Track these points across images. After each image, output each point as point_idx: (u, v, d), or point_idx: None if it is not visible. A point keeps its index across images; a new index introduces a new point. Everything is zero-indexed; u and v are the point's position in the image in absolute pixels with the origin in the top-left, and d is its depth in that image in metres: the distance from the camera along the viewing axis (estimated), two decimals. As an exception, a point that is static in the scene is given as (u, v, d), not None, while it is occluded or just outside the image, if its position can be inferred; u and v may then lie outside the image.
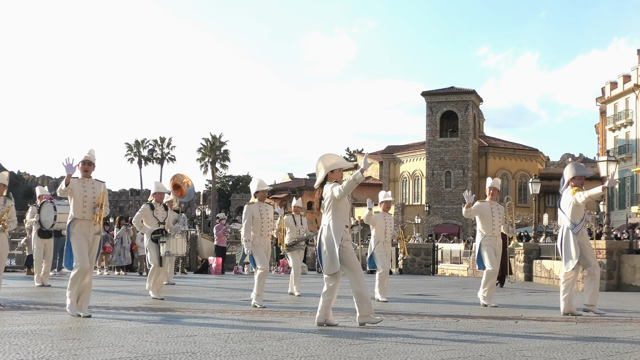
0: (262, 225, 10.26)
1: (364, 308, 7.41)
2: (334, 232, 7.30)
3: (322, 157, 7.61)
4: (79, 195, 8.03)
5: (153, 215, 11.30)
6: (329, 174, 7.47)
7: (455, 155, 63.51)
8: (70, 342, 5.60)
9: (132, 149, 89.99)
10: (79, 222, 8.03)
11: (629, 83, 55.29)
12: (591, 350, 5.63)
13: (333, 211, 7.36)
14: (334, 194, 7.28)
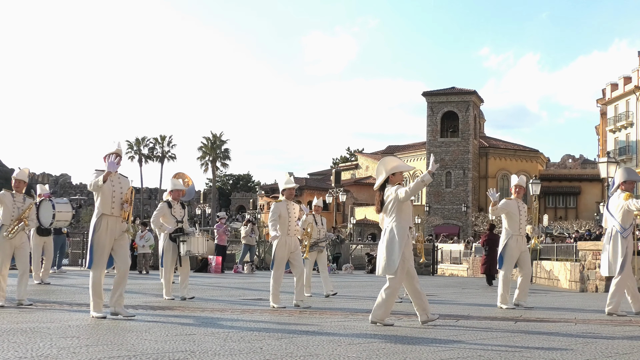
0: (289, 223, 9.86)
1: (424, 307, 7.63)
2: (397, 233, 7.40)
3: (383, 160, 7.78)
4: (107, 191, 7.60)
5: (171, 214, 10.93)
6: (390, 176, 7.60)
7: (455, 155, 63.54)
8: (69, 340, 5.60)
9: (132, 147, 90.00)
10: (107, 218, 7.59)
11: (630, 85, 55.30)
12: (590, 351, 5.63)
13: (397, 213, 7.46)
14: (399, 195, 7.37)
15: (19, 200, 9.38)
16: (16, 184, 9.54)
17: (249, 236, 24.37)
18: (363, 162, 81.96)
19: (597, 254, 16.36)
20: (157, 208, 11.12)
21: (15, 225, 9.13)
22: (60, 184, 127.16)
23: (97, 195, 7.68)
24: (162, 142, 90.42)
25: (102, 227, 7.58)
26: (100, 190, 7.59)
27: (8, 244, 9.14)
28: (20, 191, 9.49)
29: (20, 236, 9.25)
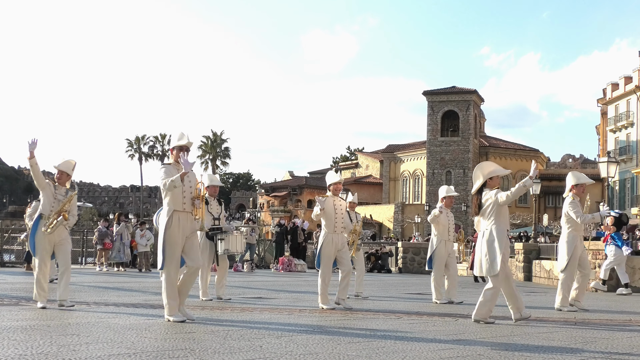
0: (336, 220, 9.47)
1: (518, 306, 7.91)
2: (497, 236, 7.68)
3: (480, 165, 8.12)
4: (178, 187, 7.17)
5: (208, 211, 10.43)
6: (487, 180, 7.89)
7: (456, 154, 63.53)
8: (69, 338, 5.60)
9: (132, 145, 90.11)
10: (178, 214, 7.17)
11: (630, 84, 55.26)
12: (589, 351, 5.63)
13: (496, 216, 7.74)
14: (498, 199, 7.66)
15: (60, 193, 8.65)
16: (58, 176, 8.76)
17: (249, 235, 24.37)
18: (363, 161, 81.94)
19: (596, 254, 16.37)
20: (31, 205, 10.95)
21: (54, 219, 8.45)
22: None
23: (166, 194, 7.22)
24: (162, 141, 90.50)
25: (173, 224, 7.15)
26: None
27: (47, 240, 8.48)
28: (63, 184, 8.74)
29: (60, 231, 8.55)
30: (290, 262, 23.93)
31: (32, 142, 8.22)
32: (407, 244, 31.80)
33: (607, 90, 59.89)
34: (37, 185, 8.56)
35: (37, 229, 8.52)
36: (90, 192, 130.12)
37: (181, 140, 7.32)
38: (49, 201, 8.52)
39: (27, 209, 20.32)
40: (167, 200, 7.22)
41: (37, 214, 8.64)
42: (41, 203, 8.61)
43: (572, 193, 10.08)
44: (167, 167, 7.25)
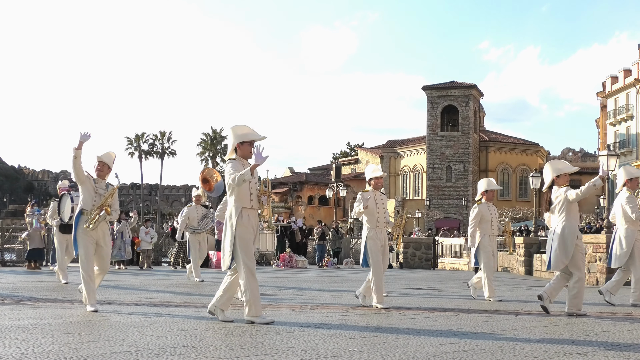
0: (378, 216, 9.17)
1: (575, 303, 8.28)
2: (569, 231, 8.16)
3: (550, 163, 8.55)
4: (246, 183, 6.92)
5: None
6: (555, 178, 8.36)
7: (455, 149, 63.50)
8: (71, 336, 5.61)
9: (132, 143, 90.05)
10: (247, 211, 6.95)
11: (630, 77, 55.24)
12: (591, 344, 5.63)
13: (566, 213, 8.20)
14: (568, 197, 8.09)
15: (101, 187, 8.14)
16: (99, 167, 8.22)
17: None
18: (363, 157, 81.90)
19: (597, 247, 16.36)
20: (222, 201, 10.17)
21: (97, 214, 7.93)
22: (60, 180, 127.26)
23: (233, 190, 6.93)
24: (162, 138, 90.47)
25: (244, 221, 6.91)
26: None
27: (89, 237, 7.93)
28: (103, 177, 8.23)
29: (103, 227, 8.06)
30: (291, 259, 23.94)
31: (85, 134, 7.85)
32: (408, 239, 31.79)
33: (606, 84, 59.87)
34: (77, 179, 8.03)
35: (78, 227, 7.95)
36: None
37: (250, 135, 7.07)
38: (90, 196, 8.01)
39: (27, 208, 20.34)
40: (233, 198, 6.95)
41: (78, 210, 8.05)
42: (81, 198, 8.08)
43: (627, 188, 10.10)
44: (234, 162, 6.93)
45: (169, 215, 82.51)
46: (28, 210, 20.14)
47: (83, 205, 8.01)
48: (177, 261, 22.86)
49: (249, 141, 7.03)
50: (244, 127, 7.13)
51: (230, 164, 6.90)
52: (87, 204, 8.00)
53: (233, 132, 7.13)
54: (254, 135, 7.07)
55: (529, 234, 29.44)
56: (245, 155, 7.02)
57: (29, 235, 19.52)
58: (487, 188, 11.08)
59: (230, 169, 6.84)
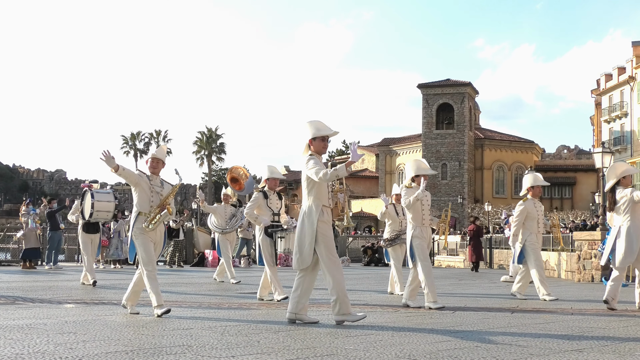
0: (423, 213, 8.97)
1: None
2: (634, 230, 8.43)
3: (613, 166, 8.97)
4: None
5: (267, 205, 9.91)
6: (620, 179, 8.62)
7: (451, 147, 63.56)
8: (66, 336, 5.59)
9: (127, 141, 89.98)
10: (326, 209, 6.86)
11: (624, 75, 55.36)
12: (587, 341, 5.64)
13: (631, 212, 8.49)
14: (634, 197, 8.41)
15: (157, 184, 7.66)
16: (153, 164, 7.73)
17: (246, 230, 24.35)
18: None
19: (592, 244, 16.40)
20: (251, 198, 9.92)
21: (156, 214, 7.48)
22: (55, 179, 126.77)
23: (312, 187, 6.81)
24: (157, 137, 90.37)
25: (325, 218, 6.81)
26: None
27: (148, 239, 7.46)
28: (157, 173, 7.75)
29: (159, 229, 7.63)
30: (287, 257, 23.92)
31: (108, 155, 7.27)
32: (404, 237, 31.78)
33: (601, 81, 59.98)
34: (131, 184, 7.55)
35: (134, 227, 7.45)
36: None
37: (323, 130, 6.86)
38: (146, 196, 7.50)
39: (22, 207, 20.31)
40: (313, 195, 6.81)
41: (135, 214, 7.49)
42: (136, 201, 7.52)
43: None
44: (314, 157, 6.73)
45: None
46: (23, 210, 20.11)
47: (140, 207, 7.47)
48: (173, 260, 22.87)
49: (322, 136, 6.84)
50: (317, 123, 6.95)
51: (312, 160, 6.71)
52: (144, 205, 7.49)
53: (307, 127, 6.94)
54: (327, 130, 6.89)
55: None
56: (319, 150, 6.85)
57: (24, 235, 19.50)
58: (534, 184, 10.68)
59: (313, 165, 6.65)
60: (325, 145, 6.85)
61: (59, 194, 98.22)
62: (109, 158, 7.25)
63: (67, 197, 59.44)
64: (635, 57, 53.80)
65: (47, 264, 19.82)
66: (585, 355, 4.85)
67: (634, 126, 54.27)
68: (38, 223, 20.15)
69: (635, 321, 7.39)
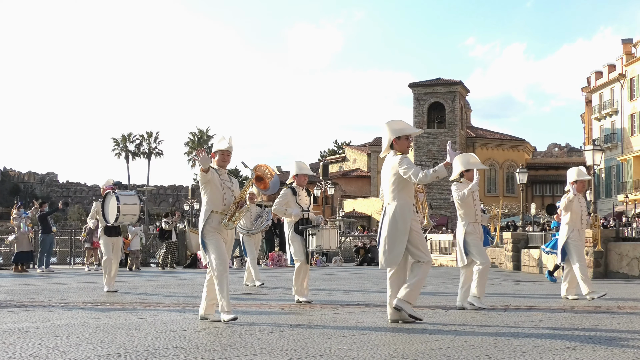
0: (476, 209, 8.88)
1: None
2: None
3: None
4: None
5: (296, 202, 9.53)
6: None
7: (442, 146, 63.56)
8: (59, 339, 5.57)
9: (119, 143, 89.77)
10: (413, 207, 6.91)
11: (614, 72, 55.60)
12: (579, 338, 5.66)
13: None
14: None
15: (226, 179, 7.08)
16: (222, 157, 7.10)
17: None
18: (350, 155, 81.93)
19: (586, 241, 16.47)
20: (279, 195, 9.53)
21: (235, 210, 7.00)
22: (46, 182, 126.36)
23: (404, 186, 6.80)
24: (148, 139, 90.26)
25: (415, 217, 6.89)
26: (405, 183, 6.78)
27: (221, 238, 6.95)
28: (225, 166, 7.17)
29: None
30: (280, 258, 23.90)
31: (204, 156, 6.72)
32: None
33: (591, 79, 60.23)
34: (206, 182, 6.95)
35: (205, 226, 6.93)
36: (77, 191, 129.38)
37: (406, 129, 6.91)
38: (219, 192, 6.97)
39: (14, 211, 20.22)
40: (404, 194, 6.82)
41: (207, 213, 6.95)
42: (206, 200, 6.99)
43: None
44: (407, 157, 6.78)
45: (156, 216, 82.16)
46: (14, 213, 20.02)
47: (213, 206, 6.94)
48: (165, 262, 22.82)
49: (406, 135, 6.89)
50: (399, 122, 7.00)
51: (406, 159, 6.74)
52: (218, 203, 6.96)
53: (389, 127, 6.93)
54: (411, 130, 6.96)
55: (516, 229, 29.54)
56: (404, 149, 6.87)
57: (16, 238, 19.42)
58: (578, 178, 10.23)
59: (406, 163, 6.68)
60: (409, 144, 6.92)
61: (51, 197, 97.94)
62: (205, 158, 6.74)
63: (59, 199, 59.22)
64: (625, 55, 54.05)
65: (39, 267, 19.75)
66: (578, 353, 4.87)
67: (624, 123, 54.49)
68: (30, 226, 20.07)
69: (627, 318, 7.43)
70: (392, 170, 6.80)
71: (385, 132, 6.96)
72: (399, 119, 6.99)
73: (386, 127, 6.95)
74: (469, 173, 8.59)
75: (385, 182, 6.96)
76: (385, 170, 6.93)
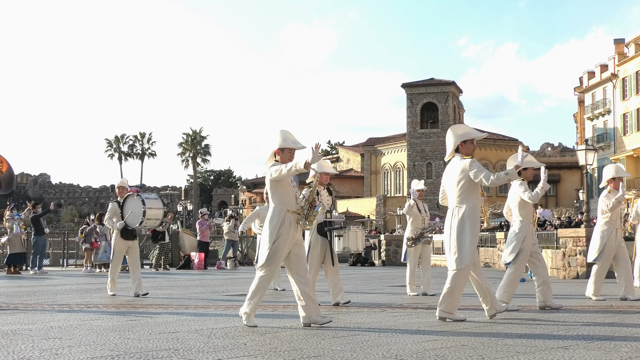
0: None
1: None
2: None
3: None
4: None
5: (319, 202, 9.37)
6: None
7: (436, 146, 63.76)
8: (51, 342, 5.55)
9: (112, 144, 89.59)
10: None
11: (606, 72, 55.80)
12: (572, 338, 5.68)
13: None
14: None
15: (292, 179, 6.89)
16: (290, 156, 6.76)
17: (232, 232, 24.30)
18: (344, 155, 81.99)
19: (577, 241, 16.52)
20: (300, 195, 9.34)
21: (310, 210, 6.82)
22: (39, 183, 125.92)
23: (474, 188, 6.97)
24: (141, 139, 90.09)
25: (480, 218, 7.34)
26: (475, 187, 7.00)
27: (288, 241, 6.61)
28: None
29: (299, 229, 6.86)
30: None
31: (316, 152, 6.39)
32: (390, 237, 31.93)
33: (583, 79, 60.45)
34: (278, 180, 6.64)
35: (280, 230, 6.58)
36: (70, 193, 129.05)
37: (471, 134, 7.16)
38: (291, 191, 6.76)
39: (6, 212, 20.14)
40: (472, 196, 6.97)
41: (281, 212, 6.63)
42: (280, 198, 6.67)
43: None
44: (476, 160, 6.98)
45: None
46: (7, 215, 19.95)
47: (287, 205, 6.66)
48: (158, 263, 22.78)
49: (471, 139, 7.11)
50: (463, 126, 7.28)
51: (476, 163, 6.92)
52: (292, 203, 6.72)
53: (453, 132, 7.16)
54: (476, 134, 7.20)
55: (508, 229, 29.60)
56: (469, 153, 7.06)
57: (9, 240, 19.36)
58: (615, 175, 9.92)
59: (478, 167, 6.88)
60: (474, 148, 7.12)
61: (43, 198, 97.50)
62: (316, 154, 6.42)
63: (52, 201, 58.93)
64: (618, 55, 54.26)
65: (32, 269, 19.69)
66: (571, 353, 4.88)
67: (616, 123, 54.70)
68: (23, 228, 20.01)
69: (620, 317, 7.45)
70: (462, 173, 6.94)
71: (450, 137, 7.16)
72: (462, 124, 7.31)
73: (450, 132, 7.18)
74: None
75: (451, 185, 7.10)
76: (451, 173, 7.09)
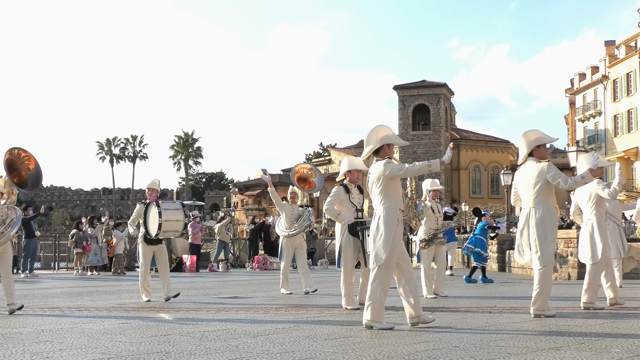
0: None
1: None
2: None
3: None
4: None
5: (349, 200, 8.78)
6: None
7: (427, 148, 63.91)
8: (43, 345, 5.53)
9: (103, 147, 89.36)
10: None
11: (597, 74, 56.06)
12: (564, 339, 5.69)
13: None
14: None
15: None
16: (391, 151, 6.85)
17: (225, 233, 24.26)
18: (336, 157, 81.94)
19: (568, 242, 16.55)
20: (331, 193, 8.81)
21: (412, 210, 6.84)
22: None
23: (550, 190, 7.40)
24: (133, 142, 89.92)
25: None
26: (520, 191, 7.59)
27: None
28: None
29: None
30: (265, 261, 23.87)
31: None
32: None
33: (574, 81, 60.69)
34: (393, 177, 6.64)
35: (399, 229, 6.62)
36: (61, 196, 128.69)
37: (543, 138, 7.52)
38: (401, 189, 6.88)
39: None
40: (548, 198, 7.42)
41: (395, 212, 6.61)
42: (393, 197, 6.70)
43: None
44: (551, 163, 7.37)
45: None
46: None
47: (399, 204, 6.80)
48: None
49: (544, 144, 7.53)
50: (535, 132, 7.58)
51: (552, 166, 7.30)
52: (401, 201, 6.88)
53: (525, 138, 7.54)
54: (547, 138, 7.57)
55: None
56: (543, 156, 7.44)
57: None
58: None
59: (555, 170, 7.26)
60: (547, 151, 7.55)
61: (34, 201, 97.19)
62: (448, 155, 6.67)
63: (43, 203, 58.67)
64: (609, 56, 54.51)
65: (23, 272, 19.60)
66: (563, 354, 4.90)
67: (607, 125, 54.94)
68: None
69: (611, 319, 7.47)
70: (539, 176, 7.33)
71: (522, 142, 7.57)
72: (534, 129, 7.62)
73: (522, 138, 7.56)
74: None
75: (526, 188, 7.49)
76: (527, 176, 7.49)
